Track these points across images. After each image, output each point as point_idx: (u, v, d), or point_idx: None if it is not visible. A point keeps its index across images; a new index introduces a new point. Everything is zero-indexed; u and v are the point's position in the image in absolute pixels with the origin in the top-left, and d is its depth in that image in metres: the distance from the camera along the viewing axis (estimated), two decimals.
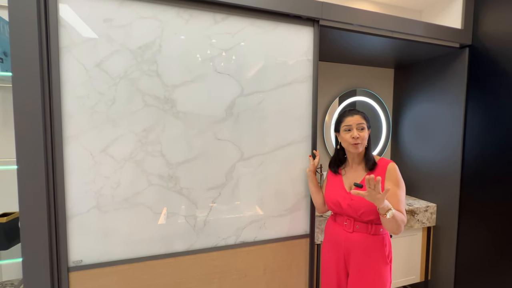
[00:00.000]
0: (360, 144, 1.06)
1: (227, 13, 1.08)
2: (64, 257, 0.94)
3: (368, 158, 1.09)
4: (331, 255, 1.13)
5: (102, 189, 0.97)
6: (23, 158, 0.87)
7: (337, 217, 1.13)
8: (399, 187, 1.02)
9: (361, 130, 1.06)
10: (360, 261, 1.04)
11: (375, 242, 1.04)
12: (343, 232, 1.08)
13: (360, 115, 1.07)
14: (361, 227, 1.05)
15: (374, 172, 1.06)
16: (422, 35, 1.39)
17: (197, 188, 1.09)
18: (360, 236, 1.05)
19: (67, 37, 0.91)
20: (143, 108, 1.01)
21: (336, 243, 1.10)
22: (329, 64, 1.88)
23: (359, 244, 1.04)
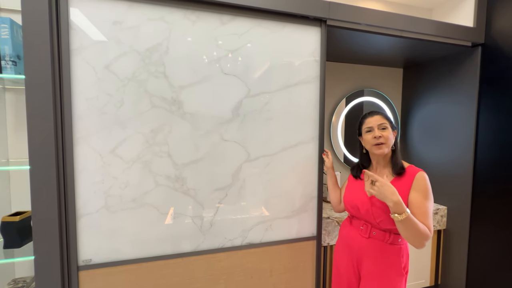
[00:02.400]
0: (384, 144, 0.99)
1: (234, 14, 1.08)
2: (74, 256, 0.96)
3: (394, 162, 1.01)
4: (343, 257, 1.10)
5: (111, 189, 0.99)
6: (35, 158, 0.89)
7: (354, 220, 1.09)
8: (427, 199, 0.93)
9: (383, 129, 1.01)
10: (373, 268, 1.00)
11: (391, 251, 0.99)
12: (358, 236, 1.05)
13: (380, 115, 1.03)
14: (378, 234, 1.00)
15: (401, 179, 0.98)
16: (433, 34, 1.36)
17: (203, 189, 1.09)
18: (376, 243, 1.00)
19: (77, 40, 0.93)
20: (151, 110, 1.02)
21: (349, 246, 1.07)
22: (336, 64, 1.86)
23: (373, 251, 1.00)
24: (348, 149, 1.96)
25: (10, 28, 1.02)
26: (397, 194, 0.88)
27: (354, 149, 1.97)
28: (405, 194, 0.96)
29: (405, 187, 0.97)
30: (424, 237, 0.88)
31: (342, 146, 1.94)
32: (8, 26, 1.02)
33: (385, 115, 1.04)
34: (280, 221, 1.20)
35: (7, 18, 1.02)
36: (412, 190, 0.95)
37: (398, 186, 0.98)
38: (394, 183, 0.99)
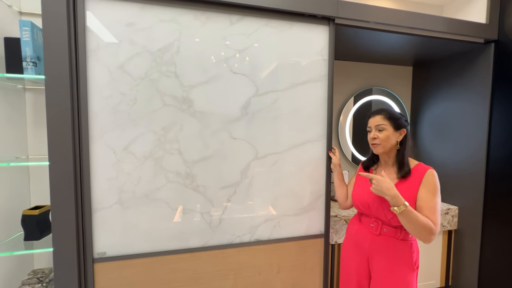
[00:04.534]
0: (379, 145, 1.03)
1: (242, 14, 1.10)
2: (90, 248, 1.00)
3: (400, 161, 1.03)
4: (352, 256, 1.10)
5: (124, 185, 1.03)
6: (54, 155, 0.93)
7: (363, 218, 1.10)
8: (435, 195, 0.95)
9: (380, 131, 1.03)
10: (385, 265, 1.01)
11: (402, 247, 1.00)
12: (369, 233, 1.05)
13: (381, 116, 1.04)
14: (389, 230, 1.01)
15: (408, 180, 0.99)
16: (444, 31, 1.34)
17: (212, 186, 1.12)
18: (387, 240, 1.01)
19: (93, 41, 0.97)
20: (162, 108, 1.05)
21: (359, 244, 1.07)
22: (344, 63, 1.86)
23: (385, 248, 1.01)
24: (356, 148, 1.95)
25: (31, 30, 1.08)
26: (393, 188, 0.91)
27: (362, 148, 1.95)
28: (414, 192, 0.97)
29: (414, 185, 0.98)
30: (427, 230, 0.90)
31: (350, 145, 1.93)
32: (29, 29, 1.07)
33: (387, 115, 1.03)
34: (288, 219, 1.22)
35: (28, 21, 1.07)
36: (421, 187, 0.97)
37: (407, 184, 0.99)
38: (402, 182, 1.00)
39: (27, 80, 1.21)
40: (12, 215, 1.21)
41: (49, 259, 1.36)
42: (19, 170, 1.29)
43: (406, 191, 0.98)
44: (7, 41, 1.11)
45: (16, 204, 1.25)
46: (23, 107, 1.33)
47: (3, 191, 1.18)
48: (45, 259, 1.37)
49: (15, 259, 1.24)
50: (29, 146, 1.34)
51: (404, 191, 0.98)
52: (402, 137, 1.04)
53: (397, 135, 1.03)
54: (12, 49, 1.10)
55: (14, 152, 1.25)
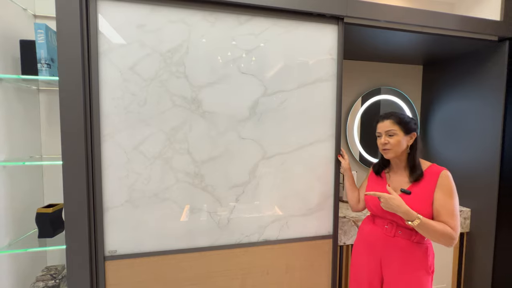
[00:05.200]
0: (390, 150, 1.02)
1: (251, 14, 1.10)
2: (101, 246, 1.02)
3: (412, 165, 1.02)
4: (364, 257, 1.09)
5: (135, 184, 1.04)
6: (67, 154, 0.96)
7: (377, 219, 1.08)
8: (452, 198, 0.93)
9: (390, 136, 1.01)
10: (400, 268, 0.99)
11: (417, 250, 0.98)
12: (383, 235, 1.03)
13: (391, 120, 1.02)
14: (404, 233, 0.99)
15: (422, 182, 0.98)
16: (456, 29, 1.31)
17: (221, 186, 1.12)
18: (402, 242, 0.99)
19: (105, 43, 0.99)
20: (172, 108, 1.06)
21: (372, 245, 1.06)
22: (352, 62, 1.84)
23: (400, 251, 0.99)
24: (364, 148, 1.92)
25: (46, 33, 1.11)
26: (403, 204, 0.91)
27: (370, 148, 1.93)
28: (429, 194, 0.96)
29: (429, 187, 0.96)
30: (447, 237, 0.89)
31: (358, 145, 1.91)
32: (44, 31, 1.10)
33: (397, 120, 1.02)
34: (296, 219, 1.21)
35: (43, 24, 1.10)
36: (437, 189, 0.95)
37: (421, 187, 0.98)
38: (416, 185, 0.99)
39: (41, 81, 1.24)
40: (26, 213, 1.25)
41: (62, 256, 1.39)
42: (33, 169, 1.32)
43: (421, 194, 0.96)
44: (23, 44, 1.14)
45: (30, 202, 1.29)
46: (37, 108, 1.36)
47: (18, 189, 1.21)
48: (58, 256, 1.40)
49: (29, 256, 1.27)
50: (43, 146, 1.38)
51: (418, 194, 0.96)
52: (413, 140, 1.03)
53: (407, 139, 1.02)
54: (27, 51, 1.14)
55: (29, 151, 1.29)
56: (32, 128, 1.32)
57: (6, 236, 1.14)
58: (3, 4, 1.13)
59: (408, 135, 1.02)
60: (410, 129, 1.02)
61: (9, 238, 1.16)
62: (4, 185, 1.14)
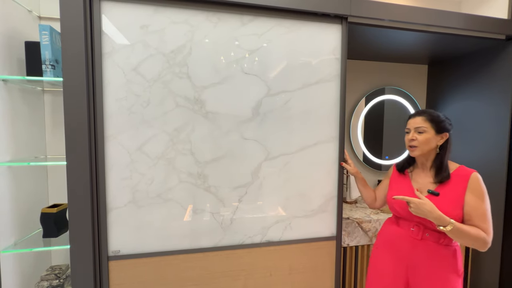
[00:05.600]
0: (417, 147, 0.98)
1: (254, 14, 1.09)
2: (105, 246, 1.03)
3: (438, 166, 0.98)
4: (387, 261, 1.05)
5: (138, 185, 1.04)
6: (71, 154, 0.96)
7: (401, 221, 1.04)
8: (483, 201, 0.91)
9: (420, 133, 0.98)
10: (429, 272, 0.96)
11: (446, 253, 0.95)
12: (409, 238, 1.00)
13: (423, 117, 0.98)
14: (431, 235, 0.96)
15: (451, 184, 0.95)
16: (462, 28, 1.29)
17: (224, 186, 1.12)
18: (430, 245, 0.96)
19: (108, 44, 0.99)
20: (175, 109, 1.06)
21: (397, 248, 1.02)
22: (355, 62, 1.82)
23: (428, 254, 0.96)
24: (368, 149, 1.91)
25: (50, 34, 1.11)
26: (435, 209, 0.88)
27: (374, 148, 1.91)
28: (459, 196, 0.93)
29: (458, 189, 0.93)
30: (481, 242, 0.87)
31: (362, 146, 1.89)
32: (48, 33, 1.11)
33: (429, 117, 0.98)
34: (300, 220, 1.20)
35: (47, 26, 1.11)
36: (467, 192, 0.92)
37: (450, 189, 0.94)
38: (444, 187, 0.96)
39: (46, 82, 1.25)
40: (31, 213, 1.26)
41: (66, 255, 1.40)
42: (38, 170, 1.33)
43: (450, 197, 0.93)
44: (28, 45, 1.15)
45: (35, 202, 1.30)
46: (42, 108, 1.37)
47: (23, 189, 1.22)
48: (62, 255, 1.41)
49: (34, 255, 1.28)
50: (48, 146, 1.39)
51: (447, 197, 0.93)
52: (444, 141, 0.98)
53: (438, 139, 0.98)
54: (32, 53, 1.15)
55: (33, 152, 1.30)
56: (37, 128, 1.34)
57: (11, 236, 1.15)
58: (9, 6, 1.14)
59: (439, 135, 0.97)
60: (442, 128, 0.97)
61: (15, 237, 1.17)
62: (9, 185, 1.15)
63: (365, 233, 1.43)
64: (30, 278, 1.25)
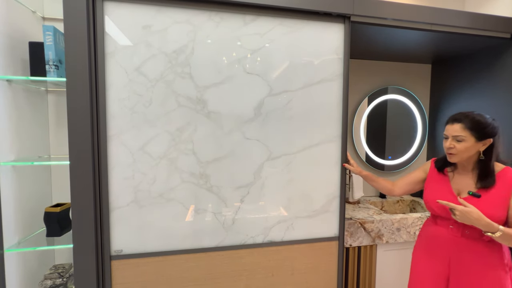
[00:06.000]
0: (455, 155, 0.95)
1: (256, 14, 1.09)
2: (107, 246, 1.03)
3: (482, 172, 0.94)
4: (426, 261, 1.04)
5: (140, 184, 1.05)
6: (74, 154, 0.97)
7: (439, 220, 1.03)
8: None
9: (458, 141, 0.93)
10: (475, 269, 0.94)
11: (491, 249, 0.93)
12: (449, 235, 0.98)
13: (462, 125, 0.93)
14: (472, 232, 0.94)
15: (498, 183, 0.91)
16: (467, 26, 1.27)
17: (226, 186, 1.12)
18: (471, 242, 0.94)
19: (111, 44, 0.99)
20: (177, 109, 1.06)
21: (438, 248, 1.01)
22: (358, 61, 1.81)
23: (469, 251, 0.94)
24: (371, 149, 1.89)
25: (54, 35, 1.12)
26: (482, 217, 0.85)
27: (377, 148, 1.90)
28: (504, 199, 0.90)
29: (503, 191, 0.91)
30: None
31: (365, 145, 1.88)
32: (52, 33, 1.11)
33: (468, 125, 0.92)
34: (302, 220, 1.20)
35: (51, 26, 1.11)
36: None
37: (495, 192, 0.92)
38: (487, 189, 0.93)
39: (49, 82, 1.26)
40: (35, 212, 1.27)
41: (69, 254, 1.41)
42: (42, 169, 1.34)
43: (493, 199, 0.91)
44: (32, 46, 1.16)
45: (38, 202, 1.31)
46: (46, 109, 1.38)
47: (27, 189, 1.23)
48: (65, 254, 1.42)
49: (37, 254, 1.29)
50: (51, 146, 1.40)
51: (490, 199, 0.91)
52: (487, 146, 0.94)
53: (479, 146, 0.93)
54: (36, 53, 1.15)
55: (37, 151, 1.31)
56: (41, 128, 1.35)
57: (15, 235, 1.16)
58: (13, 7, 1.15)
59: (480, 142, 0.92)
60: (484, 135, 0.92)
61: (19, 236, 1.18)
62: (13, 184, 1.15)
63: (368, 233, 1.42)
64: (34, 277, 1.26)
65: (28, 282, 1.22)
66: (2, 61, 1.09)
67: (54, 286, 1.21)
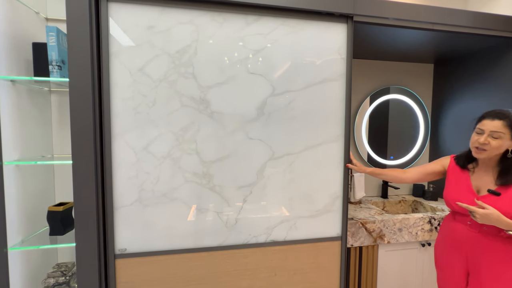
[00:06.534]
0: (486, 151, 0.95)
1: (259, 14, 1.09)
2: (111, 245, 1.04)
3: (505, 169, 0.94)
4: (446, 253, 1.06)
5: (144, 184, 1.05)
6: (77, 154, 0.97)
7: (457, 216, 1.05)
8: None
9: (494, 138, 0.93)
10: (491, 265, 0.95)
11: (509, 243, 0.94)
12: (466, 231, 1.00)
13: (503, 122, 0.92)
14: (490, 228, 0.95)
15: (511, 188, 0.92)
16: (470, 26, 1.27)
17: (229, 186, 1.12)
18: (489, 238, 0.96)
19: (115, 45, 1.00)
20: (180, 109, 1.06)
21: (457, 242, 1.03)
22: (359, 61, 1.81)
23: (488, 246, 0.96)
24: (372, 148, 1.89)
25: (57, 36, 1.12)
26: (502, 218, 0.86)
27: (378, 148, 1.90)
28: None
29: None
30: None
31: (367, 145, 1.88)
32: (55, 34, 1.12)
33: (509, 123, 0.92)
34: (304, 220, 1.20)
35: (54, 27, 1.12)
36: None
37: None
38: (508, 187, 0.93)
39: (52, 82, 1.27)
40: (38, 211, 1.28)
41: (72, 253, 1.42)
42: (45, 168, 1.35)
43: None
44: (35, 46, 1.16)
45: (42, 201, 1.31)
46: (49, 108, 1.39)
47: (30, 188, 1.24)
48: (68, 253, 1.43)
49: (41, 253, 1.30)
50: (54, 146, 1.41)
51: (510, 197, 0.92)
52: None
53: (510, 144, 0.94)
54: (40, 54, 1.16)
55: (40, 151, 1.32)
56: (44, 128, 1.35)
57: (19, 233, 1.17)
58: (17, 8, 1.16)
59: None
60: None
61: (22, 235, 1.18)
62: (17, 183, 1.16)
63: (369, 233, 1.42)
64: (37, 275, 1.27)
65: (31, 280, 1.23)
66: (6, 61, 1.09)
67: (57, 284, 1.22)
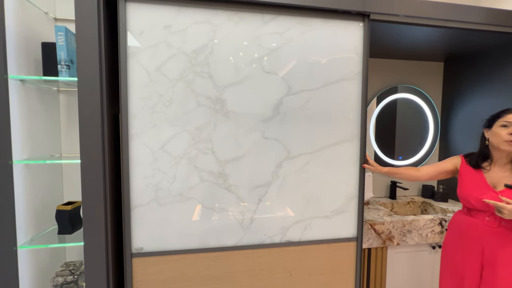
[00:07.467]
0: None
1: (275, 13, 1.08)
2: (128, 244, 1.03)
3: None
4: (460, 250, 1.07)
5: (160, 183, 1.04)
6: (85, 153, 0.96)
7: (473, 212, 1.07)
8: None
9: None
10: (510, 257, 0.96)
11: None
12: (484, 227, 1.02)
13: None
14: (508, 223, 0.97)
15: None
16: (483, 22, 1.26)
17: (244, 186, 1.12)
18: (507, 233, 0.97)
19: (133, 45, 0.99)
20: (196, 108, 1.05)
21: (472, 238, 1.04)
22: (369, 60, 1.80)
23: (506, 241, 0.97)
24: (380, 148, 1.89)
25: (65, 35, 1.10)
26: None
27: (386, 148, 1.90)
28: None
29: None
30: None
31: (374, 145, 1.88)
32: (64, 34, 1.10)
33: None
34: (319, 220, 1.20)
35: (62, 27, 1.10)
36: None
37: None
38: None
39: (61, 82, 1.24)
40: (47, 209, 1.26)
41: (80, 252, 1.41)
42: (54, 167, 1.33)
43: None
44: (44, 46, 1.14)
45: (50, 200, 1.30)
46: (57, 108, 1.37)
47: (39, 187, 1.22)
48: (76, 252, 1.42)
49: (49, 251, 1.29)
50: (63, 145, 1.39)
51: None
52: None
53: None
54: (48, 53, 1.14)
55: (49, 150, 1.30)
56: (53, 127, 1.34)
57: (28, 232, 1.15)
58: (26, 8, 1.14)
59: None
60: None
61: (31, 234, 1.17)
62: (26, 182, 1.15)
63: (378, 235, 1.41)
64: (46, 274, 1.25)
65: (40, 279, 1.22)
66: (16, 61, 1.08)
67: (66, 283, 1.21)
